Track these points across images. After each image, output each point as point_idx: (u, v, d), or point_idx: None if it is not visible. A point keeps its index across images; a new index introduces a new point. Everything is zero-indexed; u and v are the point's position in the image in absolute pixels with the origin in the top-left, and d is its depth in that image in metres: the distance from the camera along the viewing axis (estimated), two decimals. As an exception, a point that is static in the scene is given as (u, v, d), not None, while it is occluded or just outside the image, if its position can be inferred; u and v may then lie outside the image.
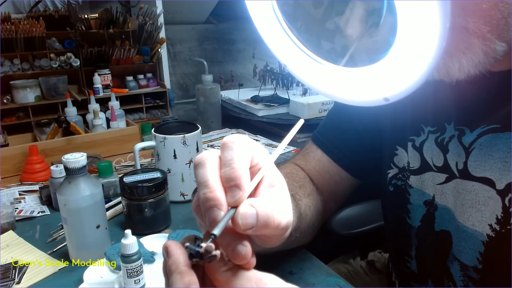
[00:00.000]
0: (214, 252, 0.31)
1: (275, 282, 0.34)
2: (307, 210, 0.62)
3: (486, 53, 0.38)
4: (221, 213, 0.33)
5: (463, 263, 0.55)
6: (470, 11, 0.36)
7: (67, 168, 0.66)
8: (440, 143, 0.57)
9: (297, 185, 0.66)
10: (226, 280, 0.33)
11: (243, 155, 0.36)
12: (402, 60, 0.34)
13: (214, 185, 0.34)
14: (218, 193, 0.33)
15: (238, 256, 0.33)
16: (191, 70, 1.94)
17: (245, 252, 0.33)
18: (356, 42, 0.40)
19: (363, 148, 0.71)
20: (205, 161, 0.36)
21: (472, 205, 0.52)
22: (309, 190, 0.67)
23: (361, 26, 0.39)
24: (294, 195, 0.60)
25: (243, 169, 0.35)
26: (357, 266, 0.98)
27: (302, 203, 0.61)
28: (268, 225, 0.34)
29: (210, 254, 0.31)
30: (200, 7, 1.90)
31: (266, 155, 0.39)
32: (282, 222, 0.35)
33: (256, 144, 0.39)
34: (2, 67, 1.38)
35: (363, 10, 0.39)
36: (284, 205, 0.37)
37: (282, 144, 0.40)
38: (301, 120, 0.40)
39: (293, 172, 0.71)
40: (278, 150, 0.40)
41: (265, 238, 0.37)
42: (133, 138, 1.28)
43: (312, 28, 0.45)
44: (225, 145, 0.37)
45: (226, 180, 0.34)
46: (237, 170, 0.34)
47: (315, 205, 0.66)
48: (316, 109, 1.41)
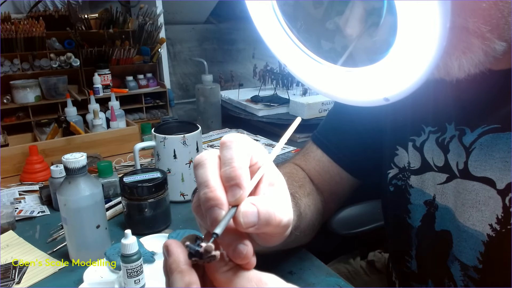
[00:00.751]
0: (213, 252, 0.31)
1: (275, 282, 0.33)
2: (306, 209, 0.62)
3: (486, 52, 0.38)
4: (222, 212, 0.33)
5: (463, 263, 0.55)
6: (470, 10, 0.36)
7: (67, 168, 0.66)
8: (441, 143, 0.57)
9: (296, 185, 0.66)
10: (226, 280, 0.33)
11: (243, 154, 0.36)
12: (402, 60, 0.34)
13: (215, 185, 0.34)
14: (218, 192, 0.33)
15: (239, 255, 0.33)
16: (191, 70, 1.94)
17: (246, 252, 0.33)
18: (355, 42, 0.40)
19: (363, 148, 0.71)
20: (204, 161, 0.36)
21: (473, 205, 0.52)
22: (308, 190, 0.67)
23: (360, 26, 0.39)
24: (293, 194, 0.60)
25: (243, 168, 0.35)
26: (357, 266, 0.98)
27: (302, 202, 0.61)
28: (269, 223, 0.34)
29: (209, 254, 0.31)
30: (200, 7, 1.90)
31: (265, 154, 0.39)
32: (283, 220, 0.35)
33: (255, 143, 0.39)
34: (2, 67, 1.38)
35: (363, 10, 0.39)
36: (284, 203, 0.37)
37: (281, 142, 0.40)
38: (298, 118, 0.40)
39: (293, 172, 0.71)
40: (276, 148, 0.40)
41: (266, 237, 0.36)
42: (133, 138, 1.28)
43: (312, 28, 0.45)
44: (224, 144, 0.36)
45: (226, 179, 0.34)
46: (237, 169, 0.34)
47: (315, 205, 0.66)
48: (316, 109, 1.41)
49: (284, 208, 0.36)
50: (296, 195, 0.61)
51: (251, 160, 0.37)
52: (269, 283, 0.33)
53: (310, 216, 0.63)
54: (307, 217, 0.62)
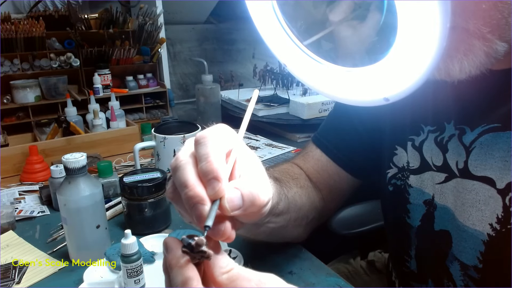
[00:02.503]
0: (204, 248, 0.32)
1: (275, 283, 0.34)
2: (297, 197, 0.63)
3: (487, 53, 0.38)
4: (205, 207, 0.34)
5: (463, 263, 0.55)
6: (470, 12, 0.36)
7: (67, 168, 0.65)
8: (439, 143, 0.57)
9: (289, 177, 0.67)
10: (226, 281, 0.33)
11: (217, 147, 0.37)
12: (402, 60, 0.34)
13: (193, 183, 0.35)
14: (198, 189, 0.35)
15: (218, 233, 0.35)
16: (191, 70, 1.94)
17: (224, 228, 0.35)
18: (332, 28, 0.41)
19: (362, 148, 0.71)
20: (179, 164, 0.37)
21: (473, 205, 0.52)
22: (302, 183, 0.68)
23: (343, 15, 0.40)
24: (279, 178, 0.61)
25: (219, 161, 0.36)
26: (357, 266, 0.98)
27: (292, 190, 0.62)
28: (254, 203, 0.37)
29: (200, 247, 0.32)
30: (200, 7, 1.90)
31: (236, 137, 0.40)
32: (266, 199, 0.38)
33: (227, 131, 0.40)
34: (2, 67, 1.38)
35: (352, 3, 0.39)
36: (263, 181, 0.39)
37: (246, 117, 0.41)
38: (256, 90, 0.40)
39: (289, 168, 0.72)
40: (243, 126, 0.41)
41: (247, 214, 0.38)
42: (133, 138, 1.28)
43: (312, 28, 0.45)
44: (197, 142, 0.38)
45: (204, 175, 0.35)
46: (213, 163, 0.35)
47: (309, 198, 0.67)
48: (316, 109, 1.41)
49: (264, 186, 0.38)
50: (283, 180, 0.62)
51: (228, 148, 0.39)
52: (269, 283, 0.33)
53: (301, 205, 0.64)
54: (298, 205, 0.62)
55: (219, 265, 0.33)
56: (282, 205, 0.56)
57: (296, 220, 0.62)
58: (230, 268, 0.33)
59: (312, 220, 0.68)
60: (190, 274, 0.32)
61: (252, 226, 0.53)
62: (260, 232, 0.56)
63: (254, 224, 0.52)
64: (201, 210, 0.34)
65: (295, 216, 0.62)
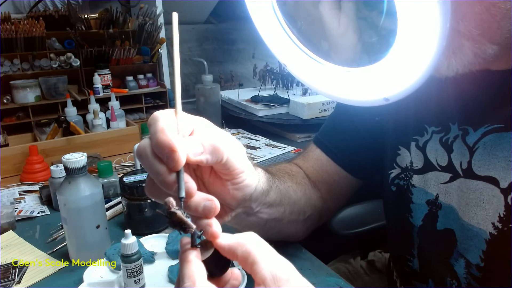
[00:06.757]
0: (173, 208, 0.33)
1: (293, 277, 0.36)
2: (291, 191, 0.63)
3: (476, 54, 0.39)
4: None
5: (468, 261, 0.55)
6: (462, 13, 0.37)
7: (67, 168, 0.66)
8: (444, 143, 0.57)
9: (285, 173, 0.67)
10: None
11: (166, 123, 0.38)
12: (402, 60, 0.34)
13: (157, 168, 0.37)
14: (157, 166, 0.37)
15: (209, 211, 0.36)
16: (191, 70, 1.94)
17: (213, 205, 0.36)
18: (311, 18, 0.42)
19: (363, 148, 0.71)
20: (142, 152, 0.38)
21: (477, 204, 0.53)
22: (299, 180, 0.68)
23: (330, 7, 0.41)
24: (273, 172, 0.62)
25: (169, 134, 0.36)
26: (357, 266, 0.98)
27: (286, 183, 0.63)
28: (215, 151, 0.40)
29: (170, 209, 0.33)
30: (200, 7, 1.90)
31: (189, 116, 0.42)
32: (226, 151, 0.40)
33: (181, 113, 0.41)
34: (2, 67, 1.38)
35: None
36: (226, 139, 0.42)
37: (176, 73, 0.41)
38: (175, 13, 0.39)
39: (286, 166, 0.72)
40: (177, 85, 0.41)
41: (227, 192, 0.42)
42: (133, 138, 1.28)
43: (312, 28, 0.45)
44: (149, 124, 0.39)
45: (158, 151, 0.36)
46: (163, 137, 0.36)
47: (305, 194, 0.67)
48: (316, 109, 1.41)
49: (226, 141, 0.41)
50: (277, 174, 0.63)
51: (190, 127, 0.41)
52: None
53: (296, 199, 0.64)
54: (292, 199, 0.63)
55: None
56: (273, 195, 0.57)
57: (291, 214, 0.63)
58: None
59: (310, 218, 0.68)
60: (186, 272, 0.32)
61: (244, 215, 0.54)
62: (254, 223, 0.56)
63: (245, 212, 0.53)
64: (169, 187, 0.36)
65: (290, 210, 0.62)
